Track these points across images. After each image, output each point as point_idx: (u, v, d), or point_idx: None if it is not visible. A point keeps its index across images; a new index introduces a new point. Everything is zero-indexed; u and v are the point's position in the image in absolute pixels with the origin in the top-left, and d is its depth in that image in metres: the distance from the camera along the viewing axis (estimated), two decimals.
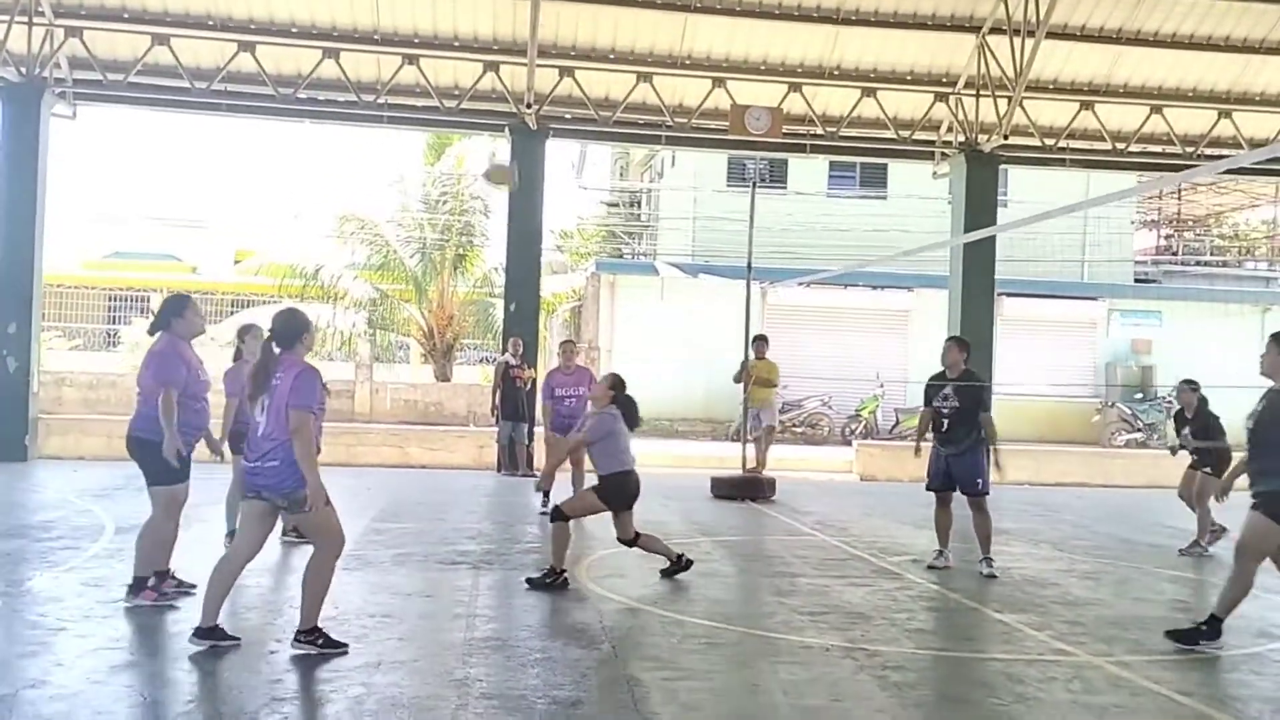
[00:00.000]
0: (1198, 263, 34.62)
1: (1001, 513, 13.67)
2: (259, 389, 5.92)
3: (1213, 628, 6.65)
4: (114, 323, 31.16)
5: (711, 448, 20.49)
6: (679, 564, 8.53)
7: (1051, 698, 5.61)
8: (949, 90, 18.00)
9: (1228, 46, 17.67)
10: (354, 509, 11.99)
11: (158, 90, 17.19)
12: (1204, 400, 10.97)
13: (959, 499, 9.36)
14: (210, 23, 16.60)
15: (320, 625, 5.97)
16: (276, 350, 5.98)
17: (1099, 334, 25.70)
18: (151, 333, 7.15)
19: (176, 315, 7.04)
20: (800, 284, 21.84)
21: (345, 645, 5.97)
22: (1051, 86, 18.01)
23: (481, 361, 30.31)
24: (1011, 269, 22.68)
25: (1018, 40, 16.32)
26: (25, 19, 15.88)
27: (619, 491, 8.23)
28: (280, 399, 5.81)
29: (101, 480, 13.42)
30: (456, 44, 17.11)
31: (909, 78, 17.99)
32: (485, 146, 27.15)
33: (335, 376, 24.96)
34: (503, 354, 16.72)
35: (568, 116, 17.93)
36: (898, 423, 23.51)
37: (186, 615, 6.43)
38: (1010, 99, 16.97)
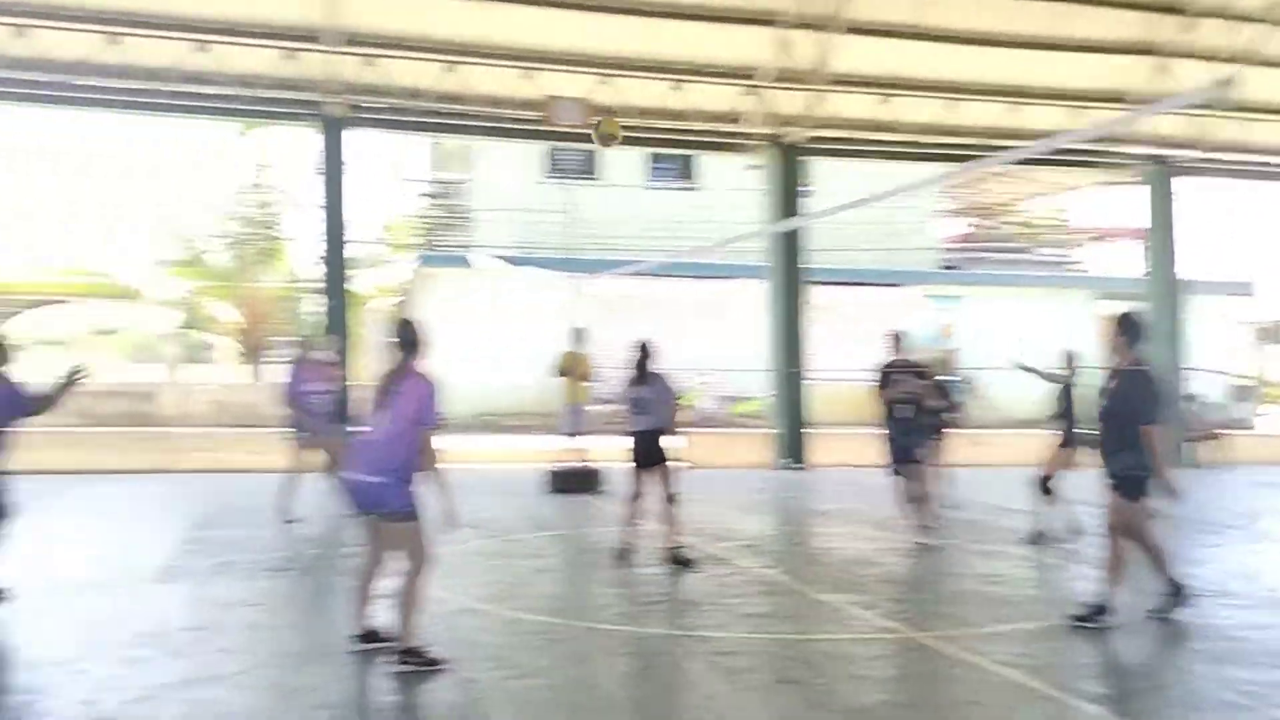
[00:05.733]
0: (995, 250, 36.33)
1: (823, 495, 14.18)
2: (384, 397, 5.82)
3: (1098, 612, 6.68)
4: None
5: (546, 441, 20.29)
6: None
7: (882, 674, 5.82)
8: (754, 84, 18.26)
9: (1009, 43, 18.59)
10: (166, 520, 11.43)
11: None
12: None
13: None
14: None
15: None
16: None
17: (909, 319, 26.75)
18: None
19: None
20: (624, 274, 21.88)
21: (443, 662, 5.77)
22: (854, 80, 18.52)
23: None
24: (827, 259, 23.31)
25: (816, 34, 16.76)
26: None
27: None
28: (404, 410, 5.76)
29: None
30: (257, 30, 16.34)
31: (712, 70, 18.11)
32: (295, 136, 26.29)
33: (142, 379, 23.79)
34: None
35: (368, 105, 17.28)
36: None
37: None
38: (815, 92, 17.45)
